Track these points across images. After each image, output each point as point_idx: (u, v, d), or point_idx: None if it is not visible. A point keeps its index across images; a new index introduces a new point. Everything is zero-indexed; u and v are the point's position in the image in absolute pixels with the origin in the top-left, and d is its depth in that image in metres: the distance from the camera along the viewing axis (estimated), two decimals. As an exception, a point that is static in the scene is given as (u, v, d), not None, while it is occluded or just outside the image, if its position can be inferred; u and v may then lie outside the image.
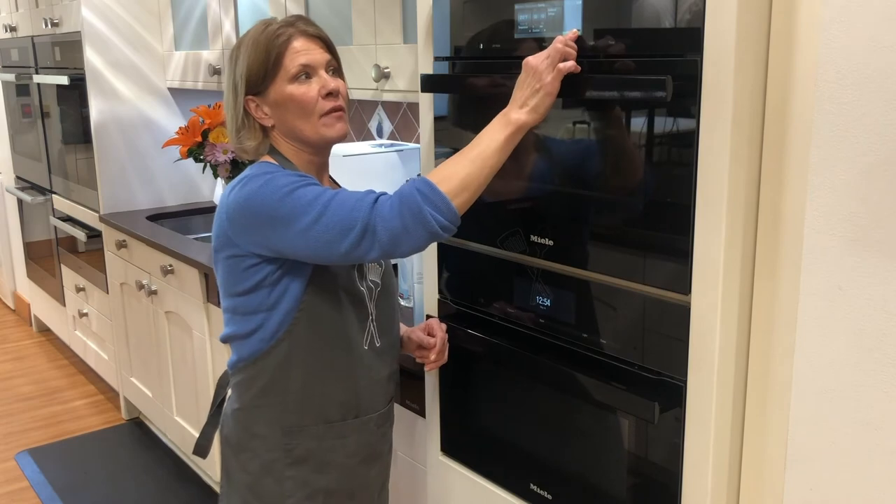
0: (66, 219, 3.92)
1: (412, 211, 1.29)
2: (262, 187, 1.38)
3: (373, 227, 1.31)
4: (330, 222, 1.33)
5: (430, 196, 1.30)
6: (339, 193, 1.36)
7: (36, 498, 3.04)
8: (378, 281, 1.55)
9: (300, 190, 1.36)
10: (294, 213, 1.35)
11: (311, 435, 1.51)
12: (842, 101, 1.02)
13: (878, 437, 1.05)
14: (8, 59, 4.44)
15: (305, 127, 1.44)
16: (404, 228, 1.30)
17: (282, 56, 1.42)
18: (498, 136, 1.31)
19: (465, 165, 1.31)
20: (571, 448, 1.45)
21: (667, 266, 1.21)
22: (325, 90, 1.42)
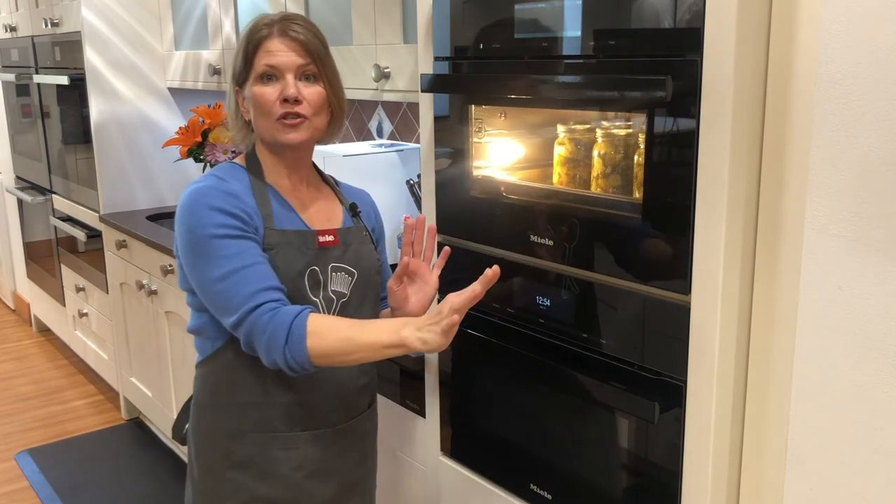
0: (66, 219, 3.92)
1: (274, 343, 1.32)
2: (200, 210, 1.37)
3: (241, 327, 1.35)
4: (225, 293, 1.35)
5: (295, 347, 1.31)
6: (249, 267, 1.35)
7: (36, 498, 3.04)
8: (344, 292, 1.49)
9: (224, 241, 1.36)
10: (205, 258, 1.36)
11: (253, 441, 1.47)
12: (842, 101, 1.02)
13: (877, 437, 1.05)
14: (8, 59, 4.44)
15: (263, 127, 1.44)
16: (262, 349, 1.34)
17: (254, 53, 1.42)
18: (384, 338, 1.30)
19: (342, 343, 1.32)
20: (571, 448, 1.44)
21: (667, 266, 1.21)
22: (282, 95, 1.40)
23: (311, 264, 1.45)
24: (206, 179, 1.44)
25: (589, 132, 1.46)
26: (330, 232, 1.49)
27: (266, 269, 1.38)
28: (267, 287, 1.35)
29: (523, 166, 1.63)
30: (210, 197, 1.39)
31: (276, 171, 1.49)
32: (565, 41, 1.30)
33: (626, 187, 1.39)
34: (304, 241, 1.45)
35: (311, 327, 1.32)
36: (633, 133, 1.38)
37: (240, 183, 1.45)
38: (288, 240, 1.43)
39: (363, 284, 1.53)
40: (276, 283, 1.37)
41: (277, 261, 1.41)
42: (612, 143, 1.41)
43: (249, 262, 1.36)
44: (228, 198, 1.40)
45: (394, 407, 1.90)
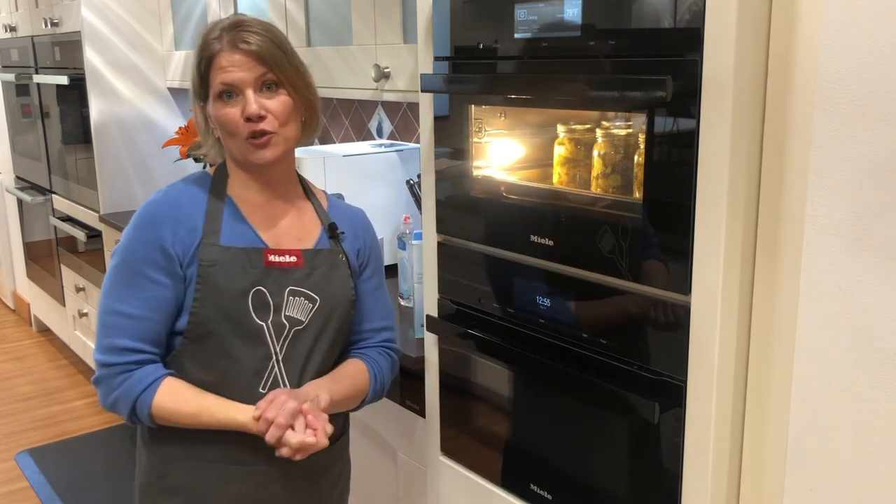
0: (66, 219, 3.92)
1: (115, 407, 1.34)
2: (142, 232, 1.35)
3: (97, 372, 1.35)
4: (107, 328, 1.34)
5: (139, 418, 1.34)
6: (131, 318, 1.32)
7: (35, 498, 3.04)
8: (301, 319, 1.39)
9: (141, 280, 1.33)
10: (118, 282, 1.35)
11: (185, 468, 1.39)
12: (842, 100, 1.02)
13: (878, 437, 1.05)
14: (8, 59, 4.44)
15: (234, 148, 1.37)
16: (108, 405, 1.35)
17: (208, 70, 1.34)
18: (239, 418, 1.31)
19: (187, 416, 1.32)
20: (571, 448, 1.44)
21: (667, 266, 1.21)
22: (244, 114, 1.31)
23: (256, 284, 1.35)
24: (167, 191, 1.41)
25: (589, 132, 1.46)
26: (292, 252, 1.39)
27: (149, 325, 1.33)
28: (131, 348, 1.32)
29: (523, 166, 1.63)
30: (161, 223, 1.35)
31: (247, 186, 1.41)
32: (565, 41, 1.30)
33: (626, 187, 1.39)
34: (250, 258, 1.36)
35: (156, 406, 1.32)
36: (633, 133, 1.38)
37: (197, 196, 1.39)
38: (231, 257, 1.35)
39: (325, 313, 1.42)
40: (142, 346, 1.33)
41: (218, 279, 1.33)
42: (612, 143, 1.41)
43: (141, 313, 1.33)
44: (176, 225, 1.35)
45: (394, 407, 1.90)
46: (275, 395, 1.31)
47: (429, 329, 1.68)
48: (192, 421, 1.33)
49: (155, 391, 1.32)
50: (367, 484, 2.09)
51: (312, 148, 2.68)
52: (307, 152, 2.44)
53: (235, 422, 1.32)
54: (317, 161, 2.31)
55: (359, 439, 2.06)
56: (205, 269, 1.33)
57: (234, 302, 1.34)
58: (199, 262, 1.33)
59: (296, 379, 1.40)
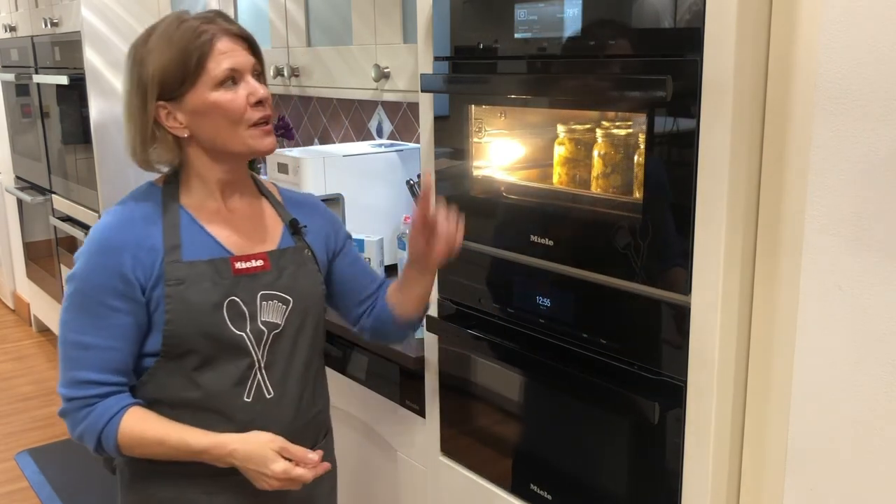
0: (66, 219, 3.92)
1: (82, 440, 1.30)
2: (99, 259, 1.29)
3: (61, 405, 1.31)
4: (69, 360, 1.30)
5: (106, 450, 1.30)
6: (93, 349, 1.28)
7: (35, 498, 3.04)
8: (277, 322, 1.35)
9: (101, 309, 1.27)
10: (77, 311, 1.30)
11: (170, 484, 1.35)
12: (842, 101, 1.02)
13: (878, 437, 1.05)
14: (8, 59, 4.44)
15: (231, 138, 1.29)
16: (75, 437, 1.31)
17: (205, 58, 1.25)
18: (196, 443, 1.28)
19: (153, 445, 1.28)
20: (572, 448, 1.44)
21: (667, 266, 1.21)
22: (253, 98, 1.28)
23: (229, 294, 1.31)
24: (118, 212, 1.33)
25: (589, 132, 1.46)
26: (257, 256, 1.35)
27: (114, 355, 1.29)
28: (95, 381, 1.28)
29: (523, 166, 1.63)
30: (118, 248, 1.28)
31: (205, 192, 1.35)
32: (565, 41, 1.30)
33: (626, 187, 1.39)
34: (217, 270, 1.31)
35: (121, 437, 1.27)
36: (633, 133, 1.38)
37: (151, 212, 1.32)
38: (198, 271, 1.30)
39: (300, 312, 1.39)
40: (107, 377, 1.28)
41: (188, 295, 1.28)
42: (612, 143, 1.41)
43: (105, 343, 1.28)
44: (135, 247, 1.29)
45: (394, 407, 1.90)
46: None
47: (429, 329, 1.68)
48: (158, 450, 1.29)
49: (119, 422, 1.27)
50: (367, 484, 2.09)
51: (312, 148, 2.68)
52: (307, 152, 2.44)
53: (192, 449, 1.28)
54: (317, 161, 2.31)
55: (359, 439, 2.06)
56: (173, 289, 1.28)
57: (210, 316, 1.29)
58: (166, 281, 1.28)
59: (277, 384, 1.36)
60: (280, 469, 1.25)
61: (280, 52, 2.66)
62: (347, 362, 2.04)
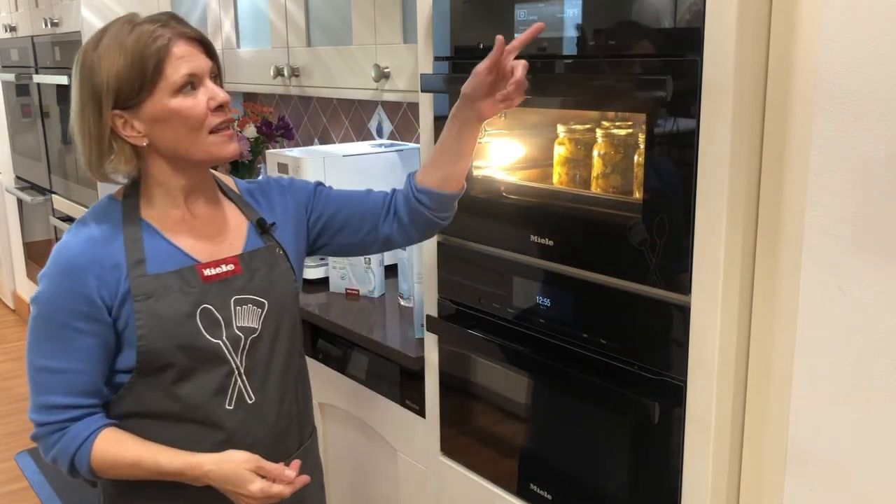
0: (66, 219, 3.92)
1: (56, 464, 1.28)
2: (60, 282, 1.24)
3: (34, 429, 1.29)
4: (37, 385, 1.28)
5: (80, 473, 1.28)
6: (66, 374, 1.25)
7: (35, 498, 3.04)
8: (254, 326, 1.32)
9: (66, 332, 1.24)
10: (41, 337, 1.27)
11: (146, 496, 1.33)
12: (842, 101, 1.02)
13: (878, 437, 1.05)
14: (8, 59, 4.44)
15: (192, 145, 1.25)
16: (48, 459, 1.29)
17: (162, 64, 1.20)
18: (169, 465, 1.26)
19: (128, 468, 1.26)
20: (571, 448, 1.44)
21: (667, 266, 1.21)
22: (214, 102, 1.24)
23: (200, 303, 1.28)
24: (78, 232, 1.29)
25: (589, 132, 1.46)
26: (227, 261, 1.32)
27: (82, 378, 1.26)
28: (64, 405, 1.26)
29: (523, 166, 1.63)
30: (79, 270, 1.24)
31: (167, 201, 1.31)
32: (565, 41, 1.30)
33: (626, 187, 1.39)
34: (185, 279, 1.28)
35: (94, 460, 1.26)
36: (633, 133, 1.38)
37: (111, 228, 1.29)
38: (165, 283, 1.26)
39: (277, 314, 1.36)
40: (76, 401, 1.26)
41: (158, 308, 1.25)
42: (612, 143, 1.41)
43: (72, 366, 1.25)
44: (96, 266, 1.25)
45: (394, 407, 1.90)
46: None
47: (429, 329, 1.68)
48: (132, 472, 1.27)
49: (91, 446, 1.25)
50: (367, 484, 2.09)
51: (312, 148, 2.68)
52: (307, 152, 2.44)
53: (165, 471, 1.26)
54: (317, 161, 2.31)
55: (359, 439, 2.06)
56: (142, 304, 1.24)
57: (183, 327, 1.26)
58: (134, 297, 1.24)
59: (259, 389, 1.34)
60: (257, 489, 1.24)
61: (280, 52, 2.66)
62: (347, 362, 2.04)
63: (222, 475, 1.25)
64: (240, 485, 1.24)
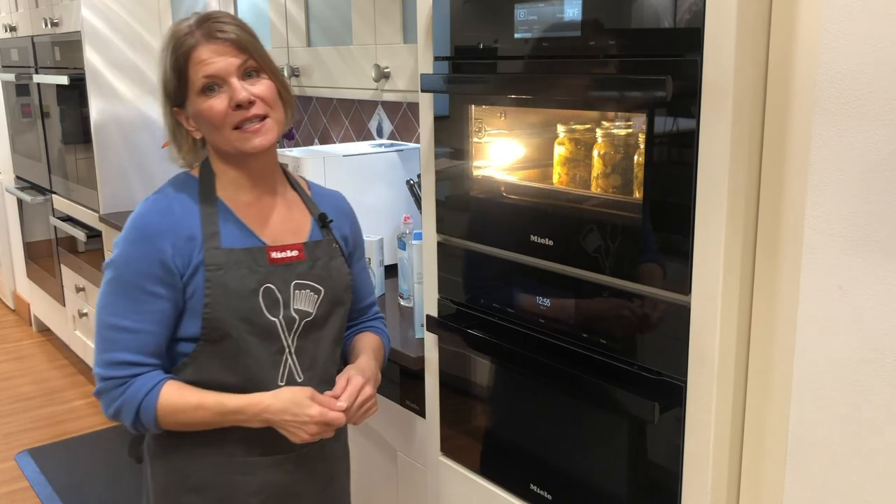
0: (66, 219, 3.92)
1: (119, 416, 1.34)
2: (138, 245, 1.33)
3: (97, 385, 1.35)
4: (106, 342, 1.34)
5: (143, 423, 1.34)
6: (131, 332, 1.32)
7: (36, 498, 3.04)
8: (309, 311, 1.41)
9: (139, 294, 1.32)
10: (116, 295, 1.34)
11: (208, 465, 1.41)
12: (842, 101, 1.02)
13: (878, 437, 1.05)
14: (8, 59, 4.44)
15: (219, 140, 1.36)
16: (111, 416, 1.36)
17: (186, 69, 1.32)
18: (231, 402, 1.33)
19: (191, 410, 1.33)
20: (571, 448, 1.44)
21: (667, 266, 1.21)
22: (233, 102, 1.31)
23: (264, 282, 1.37)
24: (156, 200, 1.39)
25: (589, 132, 1.46)
26: (292, 247, 1.41)
27: (149, 339, 1.34)
28: (130, 361, 1.33)
29: (523, 166, 1.63)
30: (157, 235, 1.33)
31: (236, 185, 1.41)
32: (565, 41, 1.30)
33: (626, 187, 1.39)
34: (254, 258, 1.37)
35: (160, 409, 1.32)
36: (633, 133, 1.38)
37: (188, 202, 1.38)
38: (235, 258, 1.35)
39: (331, 302, 1.44)
40: (142, 359, 1.33)
41: (227, 280, 1.34)
42: (612, 143, 1.41)
43: (142, 327, 1.33)
44: (172, 235, 1.34)
45: (394, 407, 1.90)
46: (351, 379, 1.39)
47: (429, 329, 1.68)
48: (195, 415, 1.34)
49: (158, 395, 1.32)
50: (367, 484, 2.09)
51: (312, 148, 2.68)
52: (307, 152, 2.44)
53: (228, 409, 1.34)
54: (317, 161, 2.31)
55: (359, 439, 2.06)
56: (213, 274, 1.33)
57: (247, 301, 1.35)
58: (206, 267, 1.33)
59: (307, 368, 1.42)
60: (316, 412, 1.32)
61: (280, 52, 2.66)
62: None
63: (281, 406, 1.33)
64: (299, 411, 1.32)
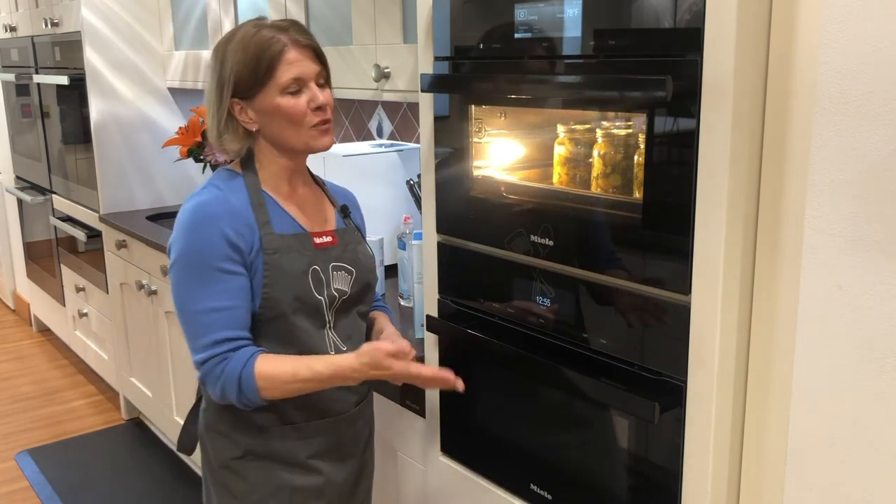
0: (66, 219, 3.92)
1: (226, 393, 1.42)
2: (211, 232, 1.42)
3: (199, 371, 1.44)
4: (199, 328, 1.42)
5: (247, 394, 1.41)
6: (222, 312, 1.41)
7: (36, 498, 3.04)
8: (346, 289, 1.55)
9: (224, 276, 1.41)
10: (199, 284, 1.42)
11: (272, 435, 1.52)
12: (842, 101, 1.02)
13: (877, 437, 1.05)
14: (8, 59, 4.44)
15: (293, 137, 1.47)
16: (217, 395, 1.44)
17: (274, 66, 1.42)
18: (324, 369, 1.42)
19: (287, 380, 1.41)
20: (571, 448, 1.44)
21: (667, 266, 1.21)
22: (314, 104, 1.44)
23: (312, 264, 1.49)
24: (210, 192, 1.47)
25: (589, 132, 1.46)
26: (327, 233, 1.55)
27: (240, 313, 1.43)
28: (228, 338, 1.42)
29: (523, 166, 1.63)
30: (218, 219, 1.43)
31: (277, 177, 1.53)
32: (565, 41, 1.31)
33: (626, 187, 1.39)
34: (302, 243, 1.50)
35: (259, 378, 1.40)
36: (633, 133, 1.38)
37: (239, 194, 1.48)
38: (287, 243, 1.48)
39: (361, 281, 1.58)
40: (238, 333, 1.43)
41: (282, 263, 1.46)
42: (612, 143, 1.41)
43: (230, 304, 1.42)
44: (232, 220, 1.44)
45: (394, 407, 1.90)
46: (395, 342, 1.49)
47: (429, 329, 1.68)
48: (291, 385, 1.42)
49: (254, 366, 1.40)
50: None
51: (312, 148, 2.67)
52: (307, 152, 2.44)
53: (322, 377, 1.42)
54: (317, 161, 2.31)
55: (359, 439, 2.06)
56: (270, 257, 1.45)
57: (299, 282, 1.47)
58: (264, 250, 1.45)
59: (345, 340, 1.56)
60: (398, 367, 1.42)
61: (280, 52, 2.65)
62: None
63: (369, 363, 1.42)
64: (384, 368, 1.42)
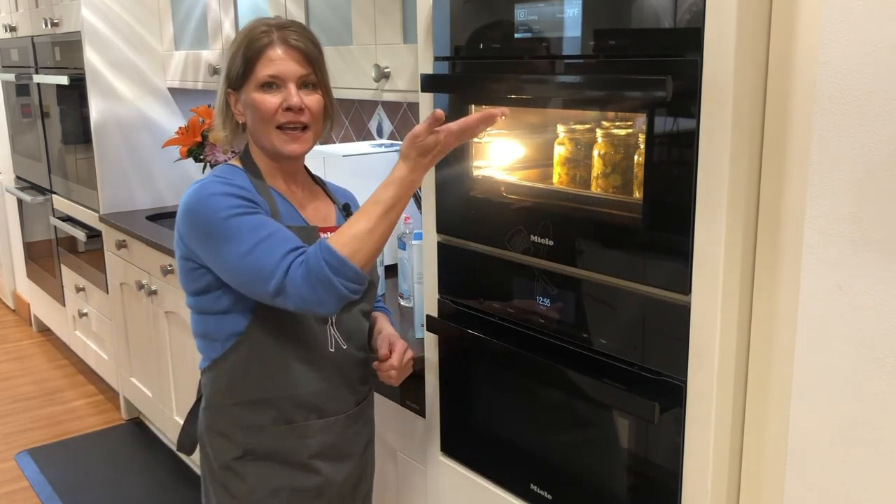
0: (66, 219, 3.92)
1: (323, 283, 1.34)
2: (209, 199, 1.40)
3: (285, 291, 1.35)
4: (255, 263, 1.36)
5: (339, 268, 1.34)
6: (272, 235, 1.37)
7: (36, 498, 3.04)
8: None
9: (241, 218, 1.39)
10: (226, 239, 1.38)
11: (271, 435, 1.52)
12: (842, 100, 1.02)
13: (877, 437, 1.05)
14: (8, 59, 4.44)
15: (262, 136, 1.47)
16: (317, 300, 1.35)
17: (255, 60, 1.44)
18: (387, 198, 1.37)
19: (362, 227, 1.35)
20: (571, 448, 1.44)
21: (667, 266, 1.21)
22: (285, 104, 1.44)
23: None
24: (212, 178, 1.47)
25: (589, 132, 1.46)
26: (332, 229, 1.54)
27: (285, 232, 1.40)
28: (290, 249, 1.37)
29: (523, 166, 1.63)
30: (216, 187, 1.42)
31: (272, 174, 1.53)
32: (565, 41, 1.31)
33: (626, 187, 1.39)
34: (308, 236, 1.48)
35: (338, 245, 1.34)
36: (633, 133, 1.38)
37: (244, 181, 1.49)
38: (294, 234, 1.46)
39: None
40: (297, 243, 1.39)
41: None
42: (612, 143, 1.41)
43: (269, 231, 1.38)
44: (234, 187, 1.43)
45: (394, 407, 1.90)
46: (395, 343, 1.57)
47: (429, 329, 1.68)
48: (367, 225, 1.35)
49: (326, 242, 1.35)
50: (367, 484, 2.08)
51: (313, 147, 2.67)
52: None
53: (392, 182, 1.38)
54: (317, 161, 2.31)
55: (359, 439, 2.06)
56: None
57: None
58: None
59: (348, 338, 1.55)
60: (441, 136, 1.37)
61: (280, 52, 2.65)
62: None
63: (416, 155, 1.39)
64: (430, 147, 1.38)
